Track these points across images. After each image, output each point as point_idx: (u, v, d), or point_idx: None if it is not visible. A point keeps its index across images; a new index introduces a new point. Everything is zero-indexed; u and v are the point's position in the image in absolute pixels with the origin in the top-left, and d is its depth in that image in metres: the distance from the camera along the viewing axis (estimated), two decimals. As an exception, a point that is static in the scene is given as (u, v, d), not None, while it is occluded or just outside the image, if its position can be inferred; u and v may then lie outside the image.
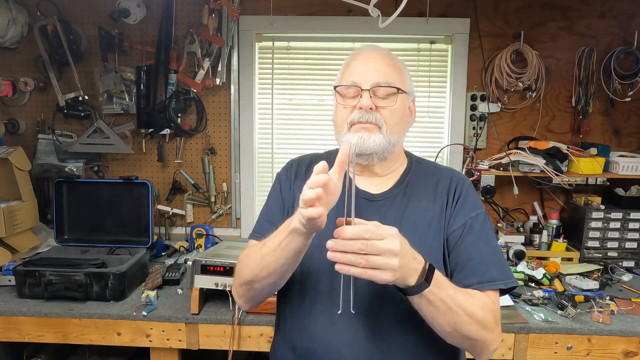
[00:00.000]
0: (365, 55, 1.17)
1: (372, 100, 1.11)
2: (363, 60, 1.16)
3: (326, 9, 2.31)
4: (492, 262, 1.10)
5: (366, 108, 1.10)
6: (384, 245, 0.84)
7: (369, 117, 1.10)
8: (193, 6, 2.29)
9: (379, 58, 1.16)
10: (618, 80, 2.26)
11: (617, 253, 2.19)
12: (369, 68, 1.14)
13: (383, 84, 1.12)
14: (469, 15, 2.29)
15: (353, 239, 0.84)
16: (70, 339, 1.73)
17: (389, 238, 0.85)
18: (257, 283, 1.09)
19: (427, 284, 0.92)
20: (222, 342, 1.70)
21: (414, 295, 0.94)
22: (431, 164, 1.27)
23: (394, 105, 1.12)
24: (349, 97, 1.14)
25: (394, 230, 0.88)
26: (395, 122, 1.14)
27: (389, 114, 1.12)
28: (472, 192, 1.19)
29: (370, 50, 1.19)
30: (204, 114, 2.38)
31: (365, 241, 0.84)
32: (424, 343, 1.08)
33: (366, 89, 1.11)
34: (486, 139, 2.40)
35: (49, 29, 2.20)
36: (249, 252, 1.15)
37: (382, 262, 0.85)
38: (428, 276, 0.93)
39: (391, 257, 0.85)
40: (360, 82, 1.12)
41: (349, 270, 0.85)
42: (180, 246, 2.36)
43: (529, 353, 1.65)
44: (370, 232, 0.84)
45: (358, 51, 1.20)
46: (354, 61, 1.17)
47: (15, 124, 2.36)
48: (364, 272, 0.85)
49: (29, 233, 2.14)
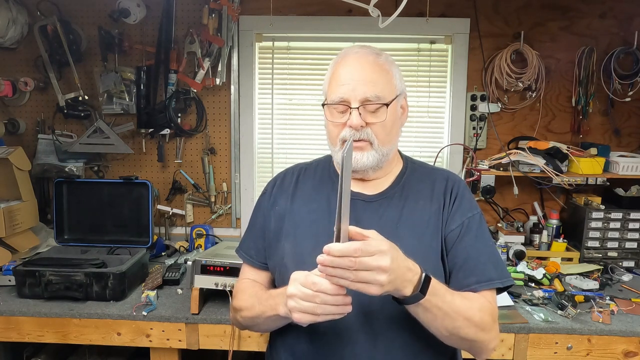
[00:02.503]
0: (350, 61, 1.13)
1: (362, 116, 1.09)
2: (349, 68, 1.12)
3: (326, 9, 2.31)
4: (490, 262, 1.11)
5: (356, 127, 1.09)
6: (372, 262, 0.85)
7: (359, 134, 1.10)
8: (193, 6, 2.29)
9: (366, 66, 1.11)
10: (618, 80, 2.26)
11: (617, 253, 2.18)
12: (356, 78, 1.10)
13: (372, 99, 1.09)
14: (469, 15, 2.29)
15: (342, 257, 0.84)
16: (70, 339, 1.73)
17: (378, 255, 0.85)
18: (249, 328, 1.25)
19: (423, 295, 0.93)
20: (222, 342, 1.70)
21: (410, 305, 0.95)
22: (426, 165, 1.28)
23: (384, 120, 1.11)
24: (338, 112, 1.13)
25: (385, 245, 0.87)
26: (386, 134, 1.13)
27: (379, 128, 1.11)
28: (468, 193, 1.20)
29: (356, 57, 1.13)
30: (204, 114, 2.38)
31: (353, 259, 0.84)
32: (423, 343, 1.08)
33: (355, 106, 1.09)
34: (486, 139, 2.40)
35: (49, 29, 2.20)
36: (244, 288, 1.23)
37: (370, 278, 0.85)
38: (424, 287, 0.93)
39: (380, 273, 0.85)
40: (348, 98, 1.09)
41: (338, 282, 0.87)
42: (180, 246, 2.36)
43: (529, 353, 1.65)
44: (360, 251, 0.84)
45: (343, 55, 1.15)
46: (340, 68, 1.13)
47: (15, 124, 2.36)
48: (352, 284, 0.86)
49: (29, 233, 2.14)
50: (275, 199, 1.25)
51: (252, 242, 1.27)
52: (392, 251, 0.88)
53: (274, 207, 1.24)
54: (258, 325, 1.19)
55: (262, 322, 1.14)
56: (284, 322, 1.10)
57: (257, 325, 1.19)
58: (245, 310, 1.19)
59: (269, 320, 1.11)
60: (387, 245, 0.88)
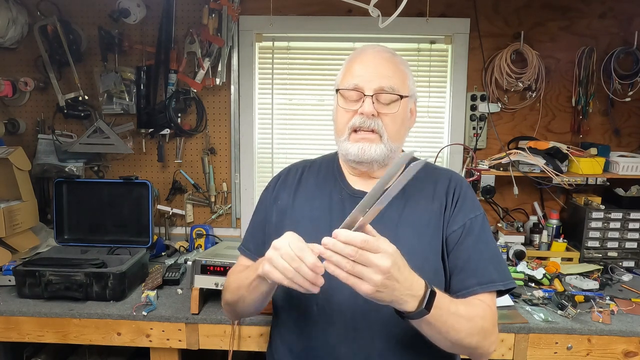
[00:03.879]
0: (368, 57, 1.14)
1: (375, 106, 1.09)
2: (366, 63, 1.13)
3: (326, 9, 2.31)
4: (491, 264, 1.10)
5: (368, 115, 1.09)
6: (373, 259, 0.83)
7: (370, 123, 1.09)
8: (193, 6, 2.29)
9: (383, 62, 1.13)
10: (618, 80, 2.26)
11: (617, 253, 2.18)
12: (372, 72, 1.11)
13: (386, 90, 1.10)
14: (469, 15, 2.29)
15: (346, 243, 0.83)
16: (70, 339, 1.72)
17: (382, 254, 0.84)
18: (237, 307, 1.18)
19: (427, 312, 0.91)
20: (222, 342, 1.70)
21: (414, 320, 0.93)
22: (429, 165, 1.27)
23: (395, 112, 1.11)
24: (351, 100, 1.13)
25: (392, 249, 0.86)
26: (396, 129, 1.13)
27: (390, 121, 1.11)
28: (470, 193, 1.19)
29: (373, 52, 1.15)
30: (204, 114, 2.38)
31: (357, 249, 0.82)
32: (421, 341, 1.08)
33: (369, 94, 1.09)
34: (486, 139, 2.40)
35: (49, 29, 2.20)
36: (234, 271, 1.21)
37: (365, 274, 0.83)
38: (429, 303, 0.91)
39: (377, 272, 0.83)
40: (363, 87, 1.10)
41: (334, 271, 0.85)
42: (180, 246, 2.36)
43: (528, 353, 1.65)
44: (366, 243, 0.83)
45: (361, 51, 1.17)
46: (357, 63, 1.14)
47: (15, 124, 2.35)
48: (347, 277, 0.84)
49: (29, 233, 2.14)
50: (278, 193, 1.24)
51: (251, 236, 1.28)
52: (397, 258, 0.86)
53: (276, 201, 1.24)
54: (243, 299, 1.12)
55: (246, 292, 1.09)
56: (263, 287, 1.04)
57: (241, 298, 1.13)
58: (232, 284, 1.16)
59: (251, 288, 1.07)
60: (395, 251, 0.86)
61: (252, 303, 1.12)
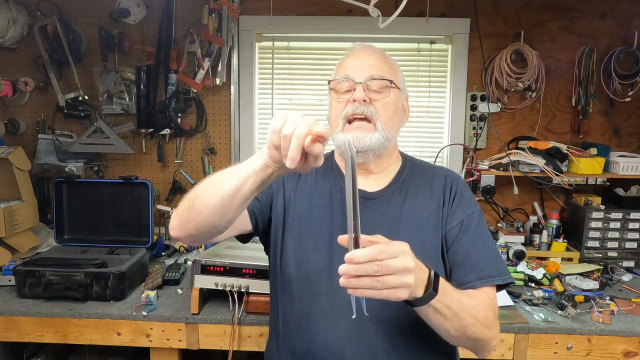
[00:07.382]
0: (358, 52, 1.19)
1: (366, 93, 1.11)
2: (356, 56, 1.17)
3: (326, 9, 2.31)
4: (489, 259, 1.12)
5: (360, 100, 1.10)
6: (398, 264, 0.80)
7: (363, 109, 1.11)
8: (193, 6, 2.29)
9: (372, 55, 1.17)
10: (618, 80, 2.26)
11: (617, 253, 2.18)
12: (362, 63, 1.15)
13: (376, 77, 1.12)
14: (469, 15, 2.29)
15: (367, 262, 0.79)
16: (70, 339, 1.72)
17: (401, 255, 0.82)
18: (199, 200, 1.00)
19: (435, 293, 0.90)
20: (222, 342, 1.70)
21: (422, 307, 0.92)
22: (424, 163, 1.29)
23: (387, 98, 1.13)
24: (343, 91, 1.15)
25: (405, 246, 0.84)
26: (389, 116, 1.14)
27: (382, 107, 1.13)
28: (467, 190, 1.20)
29: (363, 48, 1.20)
30: (204, 114, 2.38)
31: (379, 262, 0.79)
32: (425, 340, 1.09)
33: (359, 82, 1.12)
34: (486, 139, 2.40)
35: (49, 29, 2.21)
36: None
37: (398, 282, 0.81)
38: (435, 285, 0.91)
39: (406, 274, 0.81)
40: (353, 76, 1.13)
41: (363, 293, 0.81)
42: (180, 246, 2.36)
43: (528, 353, 1.65)
44: (384, 252, 0.79)
45: (351, 49, 1.22)
46: (347, 58, 1.19)
47: (15, 124, 2.36)
48: (378, 293, 0.80)
49: (29, 233, 2.14)
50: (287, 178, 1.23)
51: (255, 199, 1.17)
52: (410, 251, 0.85)
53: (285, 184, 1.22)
54: (216, 186, 0.98)
55: (228, 178, 0.97)
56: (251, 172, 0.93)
57: (215, 185, 0.98)
58: (213, 179, 1.02)
59: (230, 174, 0.97)
60: (406, 247, 0.85)
61: (227, 187, 0.96)
